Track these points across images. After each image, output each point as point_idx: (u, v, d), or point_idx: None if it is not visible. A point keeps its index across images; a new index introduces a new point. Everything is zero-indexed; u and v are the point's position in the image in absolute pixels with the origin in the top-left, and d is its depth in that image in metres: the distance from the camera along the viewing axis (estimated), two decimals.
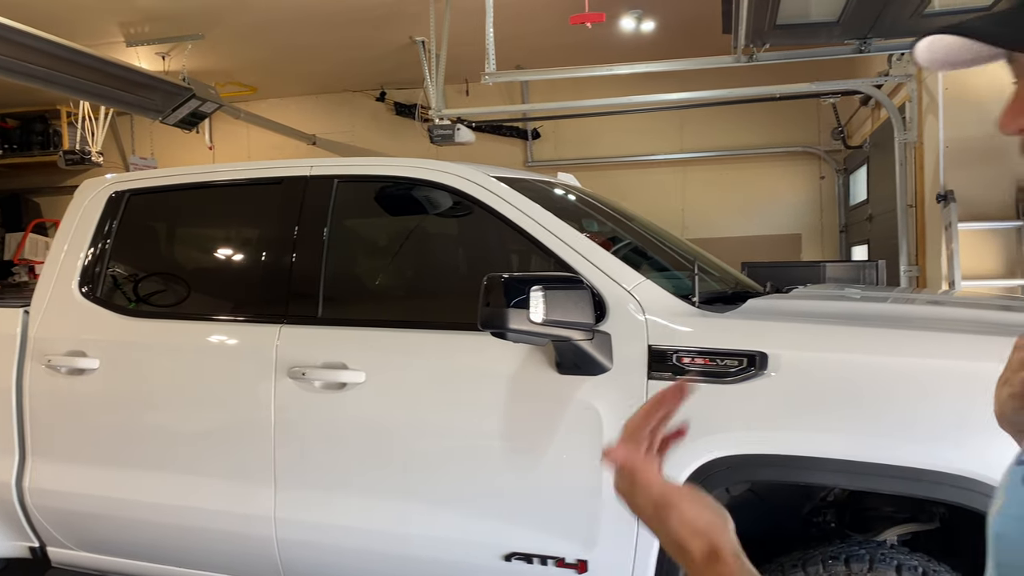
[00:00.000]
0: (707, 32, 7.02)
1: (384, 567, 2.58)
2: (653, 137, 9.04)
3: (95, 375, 2.92)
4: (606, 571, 2.30)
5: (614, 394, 2.29)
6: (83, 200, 3.23)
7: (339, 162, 2.95)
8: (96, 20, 6.64)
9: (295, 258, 2.80)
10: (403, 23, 7.09)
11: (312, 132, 9.77)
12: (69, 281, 3.10)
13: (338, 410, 2.60)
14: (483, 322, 2.19)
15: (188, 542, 2.83)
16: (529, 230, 2.54)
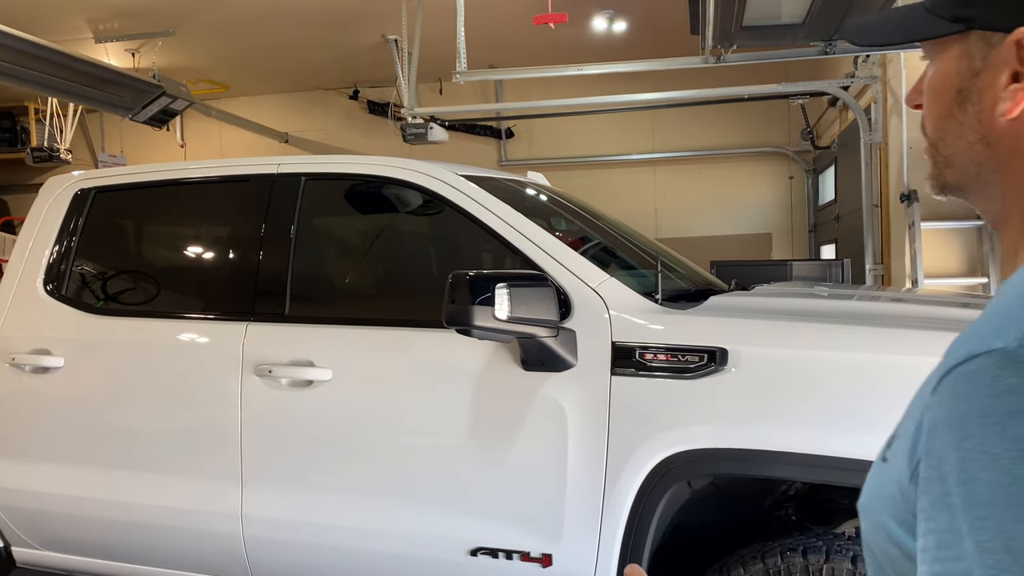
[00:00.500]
0: (678, 33, 7.09)
1: (351, 563, 2.59)
2: (626, 137, 9.10)
3: (60, 373, 2.90)
4: (571, 565, 2.32)
5: (579, 390, 2.32)
6: (48, 197, 3.21)
7: (307, 160, 2.95)
8: (65, 16, 6.57)
9: (262, 256, 2.80)
10: (376, 21, 7.09)
11: (285, 130, 9.72)
12: (34, 279, 3.07)
13: (305, 408, 2.60)
14: (448, 319, 2.21)
15: (155, 540, 2.82)
16: (496, 228, 2.57)
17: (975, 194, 0.77)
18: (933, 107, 0.77)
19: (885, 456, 0.73)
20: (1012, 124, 0.69)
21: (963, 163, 0.75)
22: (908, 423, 0.68)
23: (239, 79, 9.02)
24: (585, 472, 2.30)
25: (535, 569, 2.36)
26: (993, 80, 0.70)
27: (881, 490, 0.71)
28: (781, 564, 2.12)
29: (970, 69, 0.72)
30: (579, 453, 2.30)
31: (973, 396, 0.59)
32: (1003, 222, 0.74)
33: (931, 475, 0.61)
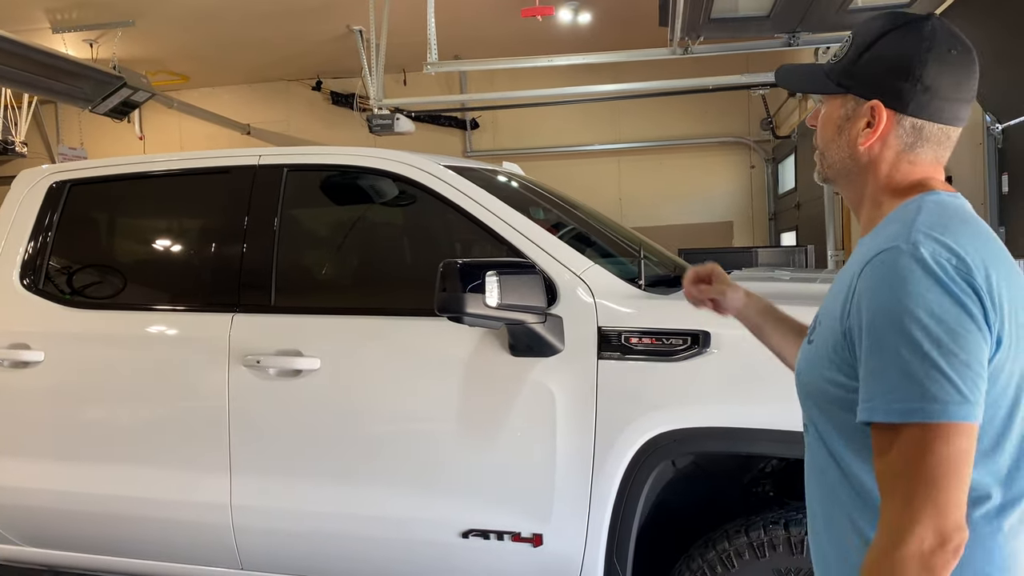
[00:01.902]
0: (641, 24, 7.18)
1: (342, 549, 2.62)
2: (590, 127, 9.19)
3: (40, 368, 2.88)
4: (561, 543, 2.39)
5: (566, 374, 2.38)
6: (21, 190, 3.17)
7: (288, 151, 2.97)
8: (20, 5, 6.41)
9: (246, 247, 2.81)
10: (340, 12, 7.05)
11: (246, 122, 9.61)
12: (9, 273, 3.04)
13: (293, 397, 2.63)
14: (440, 307, 2.26)
15: (143, 533, 2.82)
16: (481, 218, 2.61)
17: (844, 186, 1.27)
18: (823, 131, 1.26)
19: (811, 339, 1.21)
20: (866, 149, 1.20)
21: (839, 167, 1.24)
22: (831, 308, 1.14)
23: (199, 70, 8.89)
24: (574, 453, 2.37)
25: (526, 549, 2.42)
26: (857, 123, 1.20)
27: (814, 360, 1.17)
28: (764, 537, 2.22)
29: (845, 114, 1.22)
30: (568, 435, 2.37)
31: (883, 273, 1.04)
32: (858, 205, 1.26)
33: (860, 325, 1.04)
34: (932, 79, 1.13)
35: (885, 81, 1.16)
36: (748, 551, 2.23)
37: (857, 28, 1.22)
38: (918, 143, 1.17)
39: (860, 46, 1.19)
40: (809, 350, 1.19)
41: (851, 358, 1.08)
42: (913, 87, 1.14)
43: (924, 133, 1.17)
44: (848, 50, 1.21)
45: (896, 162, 1.18)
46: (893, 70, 1.15)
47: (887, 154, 1.18)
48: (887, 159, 1.18)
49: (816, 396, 1.17)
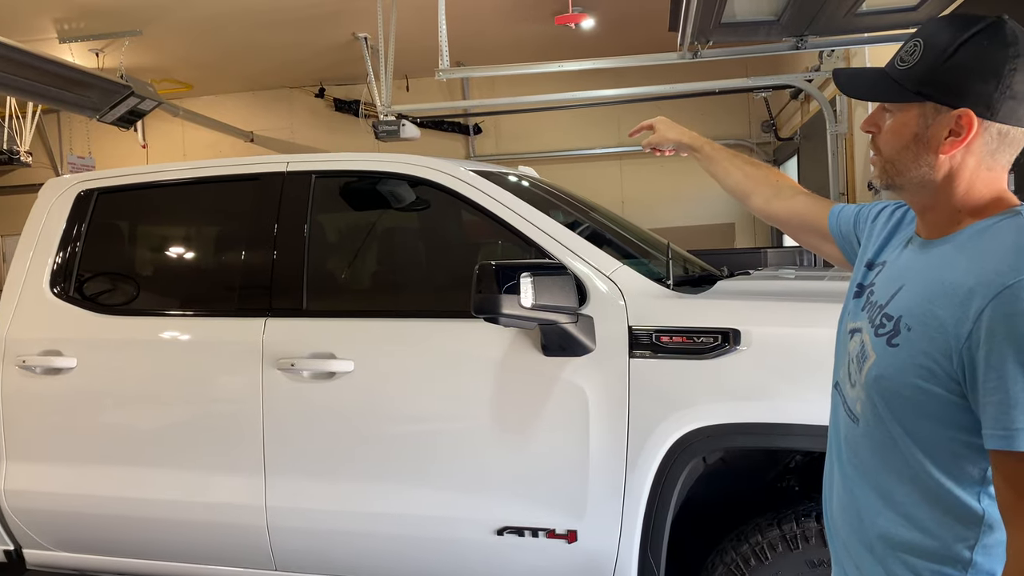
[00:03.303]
0: (641, 28, 7.25)
1: (377, 548, 2.66)
2: (591, 131, 9.25)
3: (73, 374, 2.92)
4: (595, 540, 2.44)
5: (598, 373, 2.43)
6: (49, 199, 3.21)
7: (316, 158, 3.01)
8: (29, 16, 6.45)
9: (276, 252, 2.85)
10: (345, 19, 7.10)
11: (250, 129, 9.65)
12: (39, 281, 3.08)
13: (328, 398, 2.67)
14: (476, 308, 2.30)
15: (177, 535, 2.86)
16: (509, 221, 2.66)
17: (912, 192, 1.26)
18: (894, 140, 1.23)
19: (893, 342, 1.18)
20: (947, 157, 1.18)
21: (913, 176, 1.22)
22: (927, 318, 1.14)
23: (203, 78, 8.93)
24: (607, 451, 2.41)
25: (560, 545, 2.47)
26: (938, 132, 1.18)
27: (903, 366, 1.16)
28: (797, 529, 2.27)
29: (925, 123, 1.19)
30: (600, 433, 2.42)
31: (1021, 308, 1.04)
32: (925, 210, 1.26)
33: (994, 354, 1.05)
34: (1020, 83, 1.13)
35: (973, 88, 1.14)
36: (781, 543, 2.29)
37: (926, 33, 1.19)
38: (1000, 149, 1.18)
39: (938, 53, 1.16)
40: (893, 354, 1.18)
41: (961, 376, 1.09)
42: (1002, 93, 1.13)
43: (1008, 139, 1.17)
44: (922, 56, 1.18)
45: (976, 169, 1.18)
46: (981, 77, 1.13)
47: (969, 161, 1.18)
48: (968, 166, 1.18)
49: (900, 401, 1.17)
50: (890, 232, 1.41)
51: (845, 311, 1.41)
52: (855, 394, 1.27)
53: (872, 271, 1.37)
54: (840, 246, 1.61)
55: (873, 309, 1.27)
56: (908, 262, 1.27)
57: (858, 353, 1.27)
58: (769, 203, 1.79)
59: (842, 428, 1.33)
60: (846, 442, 1.30)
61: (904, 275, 1.24)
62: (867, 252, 1.43)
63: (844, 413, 1.32)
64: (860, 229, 1.54)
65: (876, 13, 4.10)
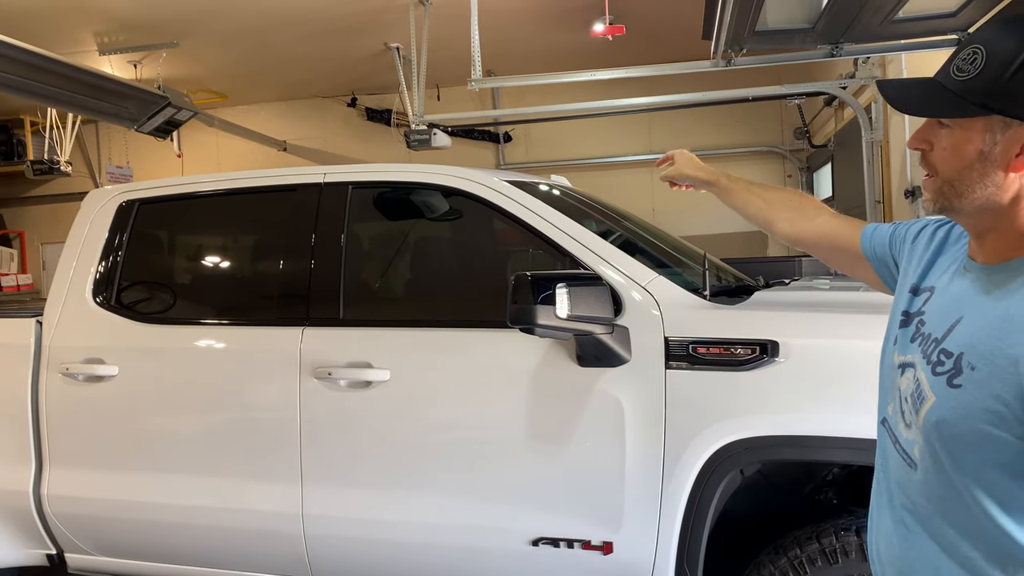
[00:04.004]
0: (673, 36, 7.23)
1: (413, 557, 2.67)
2: (622, 139, 9.24)
3: (114, 381, 2.97)
4: (631, 552, 2.43)
5: (634, 384, 2.42)
6: (91, 210, 3.28)
7: (352, 169, 3.03)
8: (70, 29, 6.60)
9: (314, 262, 2.88)
10: (378, 30, 7.17)
11: (283, 138, 9.77)
12: (82, 290, 3.14)
13: (364, 407, 2.69)
14: (512, 318, 2.31)
15: (215, 542, 2.89)
16: (544, 231, 2.67)
17: (969, 215, 1.14)
18: (954, 159, 1.11)
19: (955, 383, 1.07)
20: (1018, 176, 1.08)
21: (976, 197, 1.10)
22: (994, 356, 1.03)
23: (237, 88, 9.06)
24: (643, 463, 2.40)
25: (596, 557, 2.46)
26: (1008, 148, 1.07)
27: (969, 410, 1.05)
28: (836, 543, 2.24)
29: (992, 139, 1.07)
30: (637, 444, 2.41)
31: None
32: (985, 232, 1.14)
33: None
34: None
35: None
36: (820, 557, 2.26)
37: (986, 39, 1.09)
38: None
39: (1006, 61, 1.04)
40: (956, 396, 1.07)
41: None
42: None
43: None
44: (985, 65, 1.06)
45: None
46: None
47: None
48: None
49: (965, 449, 1.07)
50: (934, 253, 1.32)
51: (889, 340, 1.31)
52: (911, 436, 1.17)
53: (918, 298, 1.28)
54: (875, 268, 1.52)
55: (927, 343, 1.17)
56: (965, 291, 1.16)
57: (913, 392, 1.16)
58: (794, 226, 1.71)
59: (893, 470, 1.24)
60: (899, 486, 1.21)
61: (961, 306, 1.14)
62: (909, 276, 1.34)
63: (898, 455, 1.22)
64: (897, 250, 1.45)
65: (913, 20, 4.06)
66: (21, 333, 3.13)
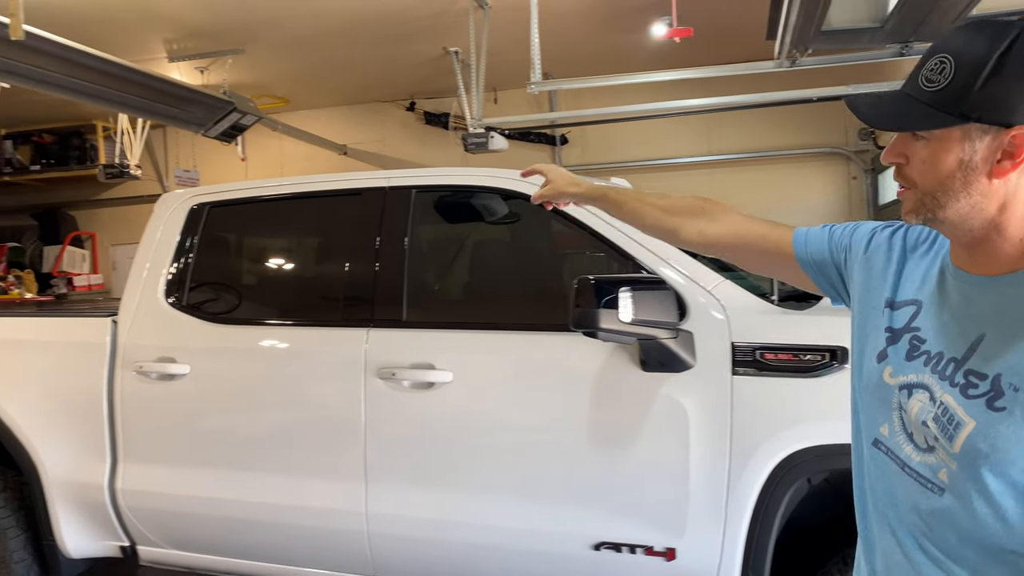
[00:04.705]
0: (733, 37, 7.13)
1: (474, 558, 2.69)
2: (680, 140, 9.14)
3: (186, 380, 3.05)
4: (695, 559, 2.41)
5: (699, 390, 2.40)
6: (164, 213, 3.38)
7: (415, 173, 3.07)
8: (142, 37, 6.81)
9: (378, 265, 2.92)
10: (437, 34, 7.23)
11: (343, 142, 9.92)
12: (155, 291, 3.24)
13: (427, 408, 2.72)
14: (575, 322, 2.31)
15: (279, 537, 2.95)
16: (606, 234, 2.66)
17: (954, 225, 1.11)
18: (934, 170, 1.09)
19: (997, 406, 1.02)
20: (1001, 182, 1.06)
21: (961, 207, 1.08)
22: None
23: (300, 93, 9.23)
24: (708, 469, 2.38)
25: (659, 563, 2.44)
26: (989, 155, 1.05)
27: (1018, 434, 1.01)
28: None
29: (971, 147, 1.06)
30: (701, 451, 2.38)
31: None
32: (979, 243, 1.11)
33: None
34: None
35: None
36: None
37: (951, 47, 1.07)
38: None
39: (975, 68, 1.03)
40: (1004, 420, 1.03)
41: None
42: None
43: None
44: (955, 73, 1.05)
45: None
46: None
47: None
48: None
49: (1013, 480, 1.03)
50: (899, 263, 1.28)
51: (869, 357, 1.26)
52: (932, 460, 1.12)
53: (900, 312, 1.23)
54: (812, 276, 1.47)
55: (939, 363, 1.12)
56: (973, 305, 1.12)
57: (937, 416, 1.10)
58: (704, 233, 1.61)
59: (901, 494, 1.17)
60: (914, 511, 1.15)
61: (978, 322, 1.10)
62: (877, 290, 1.29)
63: (909, 479, 1.16)
64: (842, 259, 1.40)
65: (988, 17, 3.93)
66: (97, 332, 3.25)
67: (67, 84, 5.65)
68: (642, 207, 1.70)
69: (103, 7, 6.08)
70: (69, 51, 5.31)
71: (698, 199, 1.67)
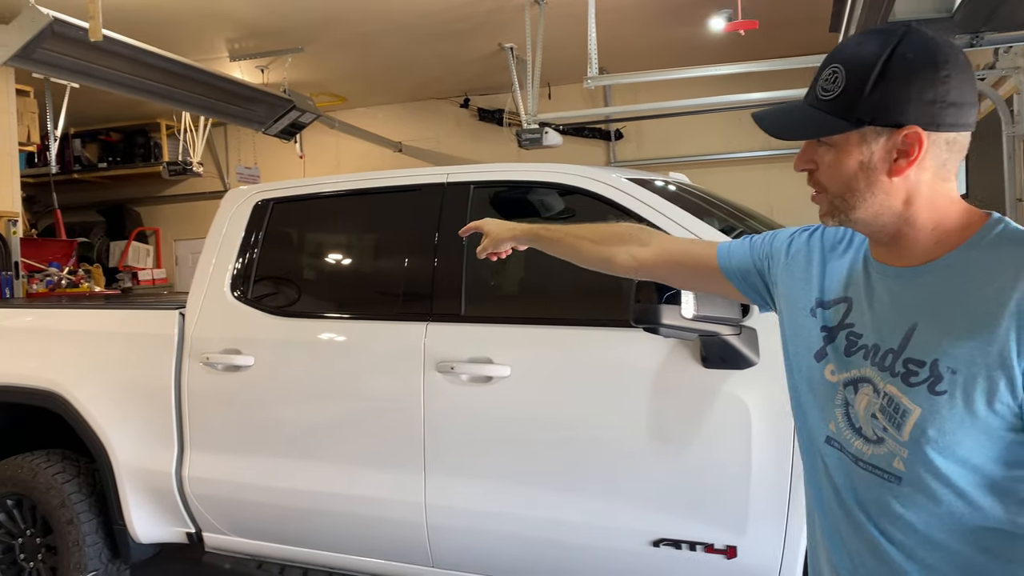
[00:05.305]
0: (794, 29, 7.01)
1: (531, 552, 2.70)
2: (737, 135, 9.02)
3: (251, 371, 3.12)
4: (756, 557, 2.38)
5: (762, 388, 2.37)
6: (230, 208, 3.46)
7: (473, 169, 3.09)
8: (205, 36, 6.99)
9: (437, 260, 2.95)
10: (493, 31, 7.26)
11: (398, 139, 10.03)
12: (221, 284, 3.32)
13: (485, 402, 2.74)
14: (636, 318, 2.30)
15: (340, 527, 3.00)
16: (666, 229, 2.64)
17: (868, 223, 1.17)
18: (838, 174, 1.16)
19: (938, 390, 1.07)
20: (901, 179, 1.12)
21: (870, 206, 1.14)
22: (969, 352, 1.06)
23: (356, 91, 9.36)
24: (770, 467, 2.35)
25: (719, 560, 2.42)
26: (886, 155, 1.12)
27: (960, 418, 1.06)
28: None
29: (868, 150, 1.12)
30: (764, 449, 2.36)
31: None
32: (898, 238, 1.16)
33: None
34: (955, 89, 1.09)
35: (912, 104, 1.08)
36: None
37: (841, 57, 1.14)
38: (950, 158, 1.13)
39: (863, 75, 1.10)
40: (946, 403, 1.08)
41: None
42: (942, 102, 1.08)
43: (956, 145, 1.12)
44: (846, 81, 1.11)
45: (933, 183, 1.13)
46: (918, 90, 1.08)
47: (924, 177, 1.13)
48: (925, 182, 1.13)
49: (964, 448, 1.08)
50: (820, 264, 1.34)
51: (805, 356, 1.30)
52: (883, 451, 1.15)
53: (832, 311, 1.27)
54: (737, 286, 1.53)
55: (876, 355, 1.16)
56: (902, 296, 1.17)
57: (884, 407, 1.14)
58: (636, 256, 1.67)
59: (861, 488, 1.20)
60: (876, 503, 1.17)
61: (908, 312, 1.14)
62: (804, 292, 1.34)
63: (864, 472, 1.19)
64: (764, 266, 1.47)
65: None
66: (166, 324, 3.34)
67: (137, 84, 5.84)
68: (575, 240, 1.78)
69: (169, 8, 6.25)
70: (139, 52, 5.48)
71: (624, 225, 1.76)
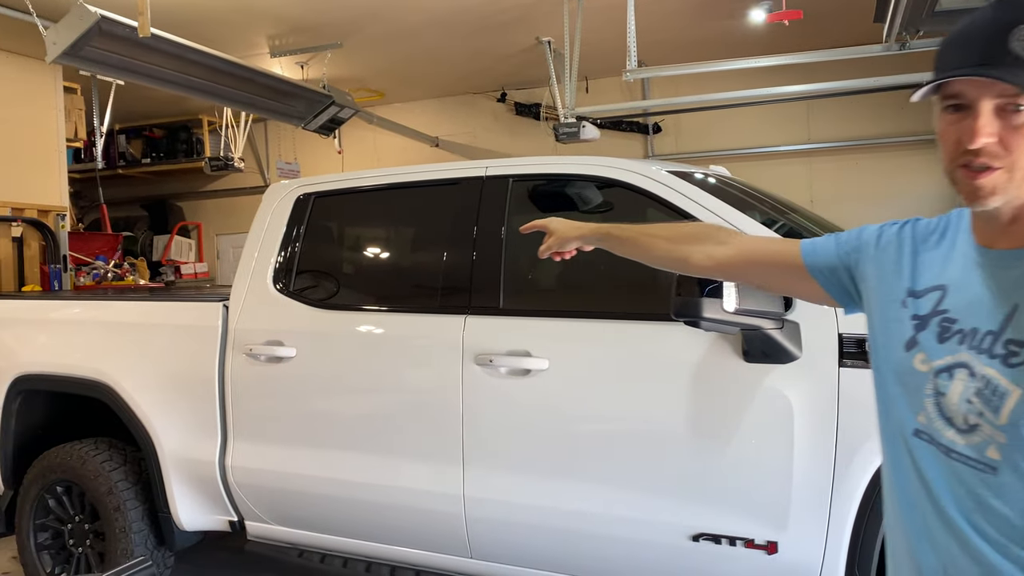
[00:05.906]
0: (836, 20, 6.89)
1: (570, 544, 2.70)
2: (778, 128, 8.90)
3: (293, 362, 3.17)
4: (797, 553, 2.36)
5: (804, 382, 2.34)
6: (272, 203, 3.51)
7: (512, 162, 3.09)
8: (246, 33, 7.07)
9: (476, 253, 2.96)
10: (530, 24, 7.24)
11: (435, 134, 10.06)
12: (263, 277, 3.37)
13: (524, 395, 2.74)
14: (676, 311, 2.29)
15: (379, 517, 3.03)
16: (704, 220, 2.62)
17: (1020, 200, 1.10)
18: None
19: (1013, 363, 1.05)
20: None
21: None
22: None
23: (394, 87, 9.41)
24: (812, 463, 2.32)
25: (760, 556, 2.40)
26: None
27: None
28: None
29: None
30: (806, 444, 2.33)
31: None
32: (1017, 218, 1.12)
33: None
34: None
35: None
36: None
37: None
38: None
39: None
40: None
41: None
42: None
43: None
44: None
45: None
46: None
47: None
48: None
49: None
50: (912, 255, 1.30)
51: (895, 348, 1.25)
52: (977, 439, 1.11)
53: (925, 299, 1.24)
54: (823, 284, 1.46)
55: (975, 338, 1.13)
56: (1002, 279, 1.13)
57: (980, 392, 1.11)
58: (714, 256, 1.60)
59: (955, 481, 1.15)
60: (971, 496, 1.12)
61: (1008, 293, 1.11)
62: (896, 283, 1.30)
63: (961, 465, 1.14)
64: (852, 259, 1.41)
65: None
66: (210, 316, 3.40)
67: (181, 81, 5.93)
68: (649, 240, 1.73)
69: (211, 6, 6.34)
70: (183, 49, 5.57)
71: (700, 224, 1.72)
